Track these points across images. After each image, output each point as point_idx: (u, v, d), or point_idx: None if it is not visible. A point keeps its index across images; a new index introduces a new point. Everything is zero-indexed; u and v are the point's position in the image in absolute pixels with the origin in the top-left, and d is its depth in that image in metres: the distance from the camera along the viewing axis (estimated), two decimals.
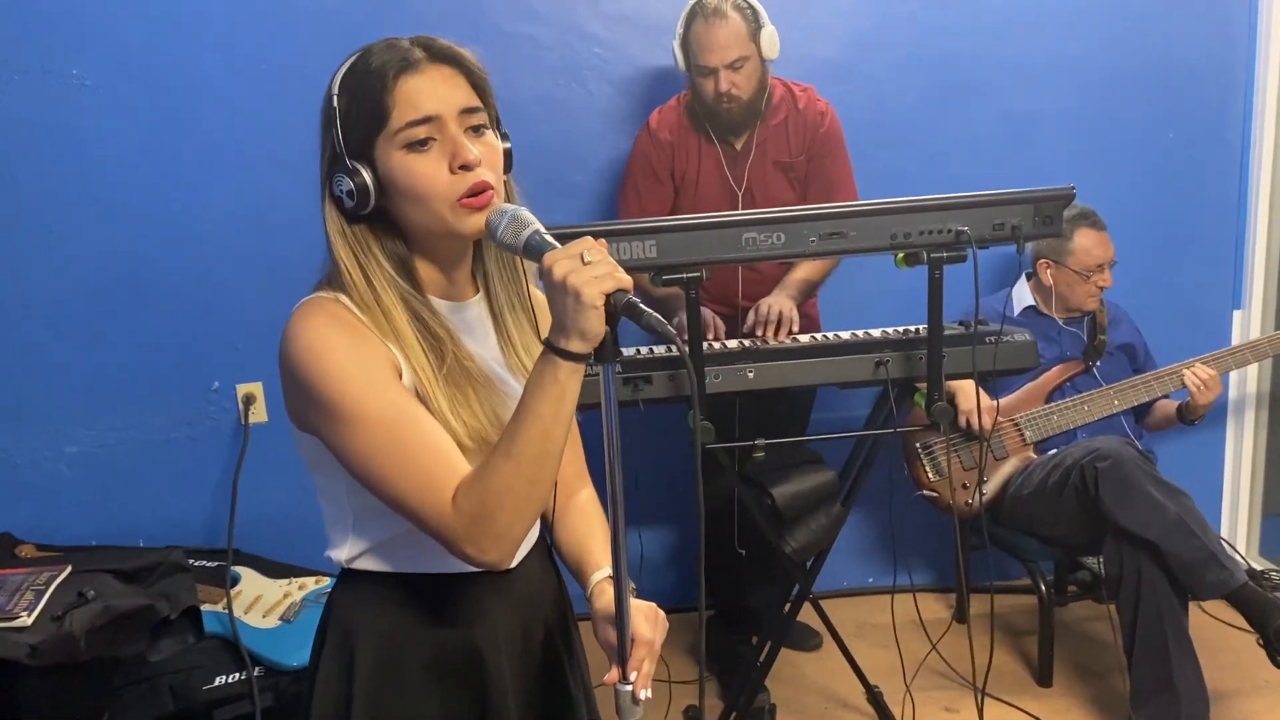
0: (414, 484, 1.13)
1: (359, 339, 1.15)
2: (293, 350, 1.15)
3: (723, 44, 2.56)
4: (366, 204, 1.17)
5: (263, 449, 2.94)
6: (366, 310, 1.17)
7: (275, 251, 2.84)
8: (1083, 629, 3.14)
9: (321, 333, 1.14)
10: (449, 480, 1.12)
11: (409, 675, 1.26)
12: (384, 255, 1.20)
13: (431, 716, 1.27)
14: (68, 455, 2.95)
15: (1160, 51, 3.20)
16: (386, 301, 1.17)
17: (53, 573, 2.22)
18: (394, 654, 1.26)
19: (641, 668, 1.21)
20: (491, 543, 1.12)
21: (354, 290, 1.18)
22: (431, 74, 1.16)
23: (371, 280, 1.18)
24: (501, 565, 1.16)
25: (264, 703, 2.44)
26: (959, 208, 2.10)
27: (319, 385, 1.13)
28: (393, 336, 1.17)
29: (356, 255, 1.19)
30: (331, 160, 1.19)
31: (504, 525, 1.11)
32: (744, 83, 2.61)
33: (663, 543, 3.32)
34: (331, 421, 1.14)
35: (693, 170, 2.75)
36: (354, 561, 1.27)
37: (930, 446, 2.83)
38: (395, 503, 1.15)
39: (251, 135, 2.84)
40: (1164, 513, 2.44)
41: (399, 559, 1.25)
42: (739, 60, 2.58)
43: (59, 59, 2.75)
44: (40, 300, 2.86)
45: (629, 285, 1.07)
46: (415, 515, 1.14)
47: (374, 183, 1.16)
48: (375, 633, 1.26)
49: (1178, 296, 3.33)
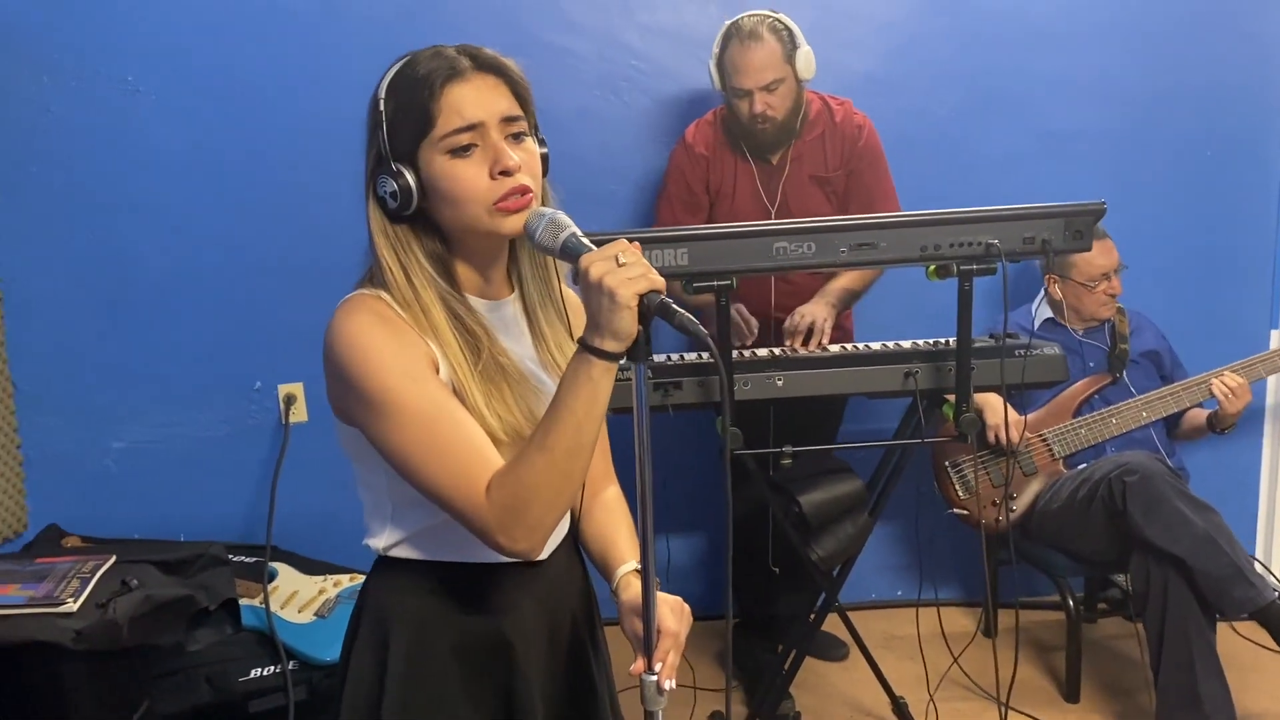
0: (449, 475, 1.17)
1: (399, 335, 1.20)
2: (336, 345, 1.19)
3: (757, 67, 2.59)
4: (409, 205, 1.21)
5: (302, 448, 3.01)
6: (406, 308, 1.22)
7: (318, 255, 2.89)
8: (1112, 646, 3.13)
9: (364, 328, 1.19)
10: (483, 472, 1.16)
11: (439, 660, 1.30)
12: (424, 255, 1.24)
13: (459, 701, 1.30)
14: (114, 451, 3.04)
15: (1198, 71, 3.20)
16: (425, 299, 1.22)
17: (98, 562, 2.28)
18: (425, 639, 1.30)
19: (666, 659, 1.24)
20: (523, 533, 1.16)
21: (395, 288, 1.22)
22: (477, 83, 1.21)
23: (412, 279, 1.22)
24: (532, 555, 1.19)
25: (297, 696, 2.49)
26: (989, 220, 2.13)
27: (360, 379, 1.18)
28: (431, 333, 1.21)
29: (398, 254, 1.23)
30: (377, 162, 1.23)
31: (536, 516, 1.15)
32: (779, 104, 2.63)
33: (691, 550, 3.35)
34: (372, 414, 1.19)
35: (728, 185, 2.78)
36: (391, 550, 1.31)
37: (959, 464, 2.84)
38: (431, 493, 1.19)
39: (296, 141, 2.92)
40: (1192, 528, 2.43)
41: (434, 548, 1.29)
42: (774, 82, 2.60)
43: (112, 65, 2.84)
44: (90, 300, 2.95)
45: (662, 286, 1.10)
46: (450, 505, 1.18)
47: (417, 185, 1.21)
48: (409, 618, 1.30)
49: (1215, 315, 3.31)
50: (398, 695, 1.29)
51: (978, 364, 2.22)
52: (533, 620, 1.34)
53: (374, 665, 1.31)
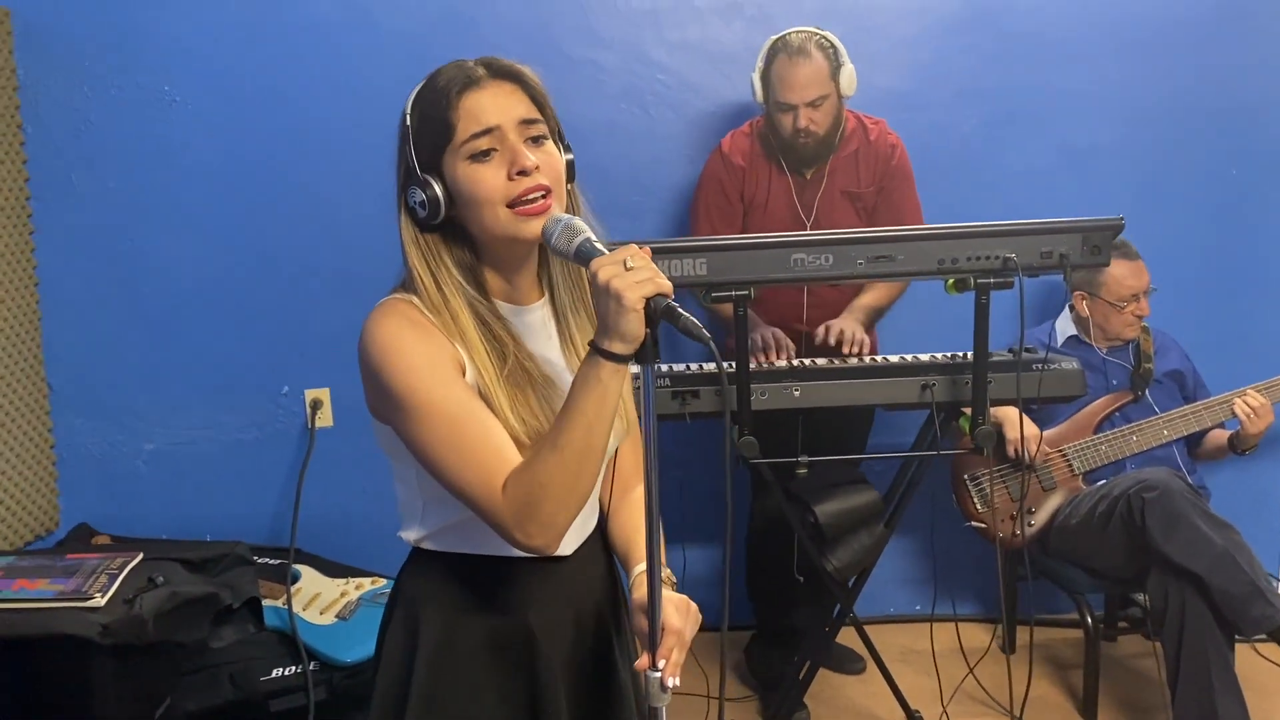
0: (470, 472, 1.21)
1: (428, 338, 1.25)
2: (369, 346, 1.25)
3: (804, 83, 2.61)
4: (437, 214, 1.26)
5: (327, 453, 3.07)
6: (436, 313, 1.26)
7: (345, 264, 2.97)
8: (1132, 665, 3.11)
9: (394, 331, 1.24)
10: (501, 470, 1.21)
11: (466, 650, 1.34)
12: (453, 262, 1.29)
13: (486, 690, 1.34)
14: (145, 452, 3.10)
15: (1223, 88, 3.19)
16: (454, 305, 1.27)
17: (126, 559, 2.33)
18: (454, 629, 1.34)
19: (670, 656, 1.27)
20: (537, 529, 1.20)
21: (425, 294, 1.27)
22: (492, 89, 1.25)
23: (441, 286, 1.27)
24: (547, 551, 1.23)
25: (317, 696, 2.53)
26: (1007, 235, 2.14)
27: (390, 379, 1.23)
28: (459, 338, 1.26)
29: (428, 262, 1.28)
30: (405, 174, 1.28)
31: (548, 513, 1.19)
32: (822, 120, 2.66)
33: (710, 561, 3.36)
34: (401, 413, 1.24)
35: (761, 194, 2.81)
36: (422, 542, 1.37)
37: (978, 478, 2.85)
38: (454, 488, 1.24)
39: (327, 151, 2.98)
40: (1210, 545, 2.43)
41: (461, 542, 1.34)
42: (819, 99, 2.63)
43: (150, 76, 2.92)
44: (125, 304, 3.02)
45: (668, 290, 1.13)
46: (470, 501, 1.23)
47: (444, 194, 1.26)
48: (438, 608, 1.35)
49: (1239, 335, 3.29)
50: (425, 681, 1.33)
51: (994, 377, 2.23)
52: (558, 614, 1.37)
53: (405, 651, 1.36)
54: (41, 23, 2.86)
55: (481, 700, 1.34)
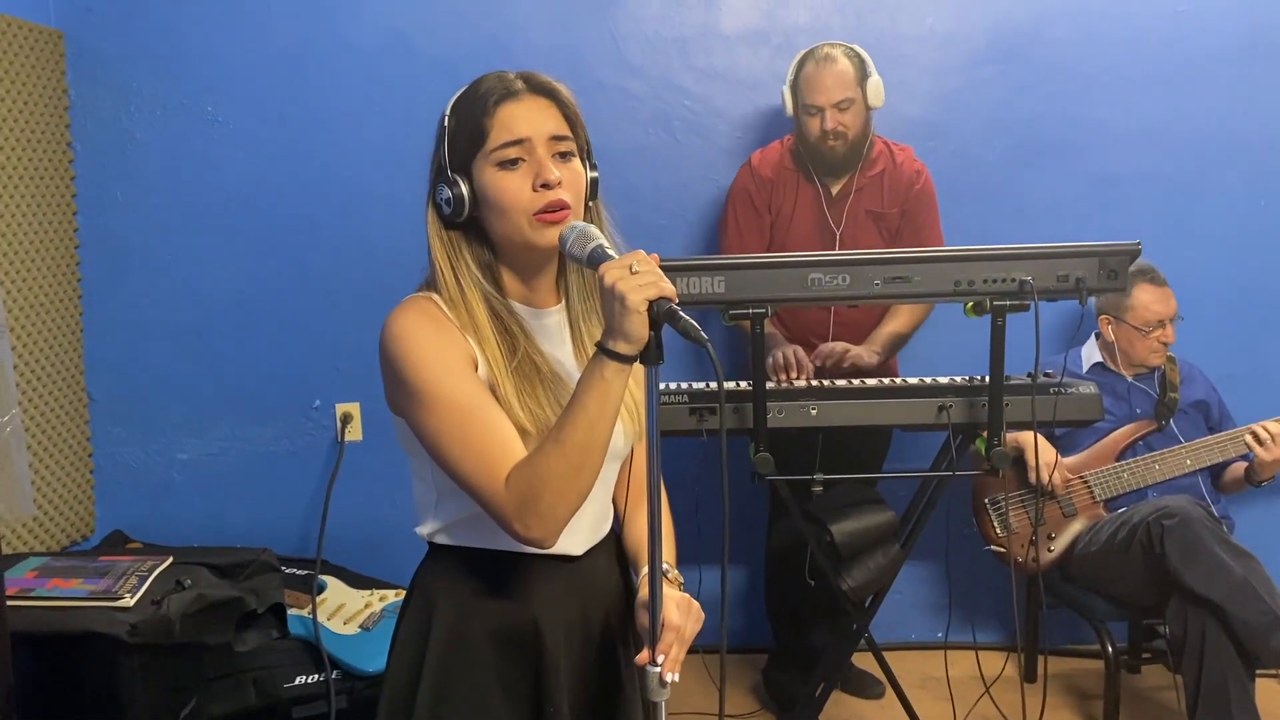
0: (474, 463, 1.26)
1: (442, 333, 1.30)
2: (387, 338, 1.31)
3: (830, 85, 2.71)
4: (461, 212, 1.33)
5: (355, 466, 3.13)
6: (453, 306, 1.33)
7: (378, 281, 3.03)
8: (1155, 697, 3.07)
9: (411, 325, 1.30)
10: (505, 463, 1.25)
11: (476, 640, 1.38)
12: (472, 259, 1.35)
13: (492, 683, 1.38)
14: (179, 462, 3.18)
15: (1252, 119, 3.19)
16: (470, 298, 1.33)
17: (156, 562, 2.40)
18: (464, 622, 1.38)
19: (670, 652, 1.30)
20: (536, 521, 1.24)
21: (444, 288, 1.34)
22: (528, 103, 1.31)
23: (460, 279, 1.34)
24: (545, 544, 1.27)
25: (339, 704, 2.58)
26: (1024, 258, 2.16)
27: (404, 370, 1.29)
28: (472, 330, 1.32)
29: (449, 256, 1.35)
30: (437, 172, 1.35)
31: (548, 506, 1.23)
32: (850, 122, 2.74)
33: (731, 583, 3.37)
34: (412, 403, 1.29)
35: (788, 206, 2.87)
36: (435, 536, 1.41)
37: (998, 502, 2.85)
38: (459, 479, 1.29)
39: (363, 172, 3.06)
40: (1230, 574, 2.41)
41: (473, 536, 1.38)
42: (845, 101, 2.72)
43: (194, 96, 3.04)
44: (163, 318, 3.12)
45: (672, 294, 1.18)
46: (473, 491, 1.28)
47: (470, 194, 1.32)
48: (450, 601, 1.39)
49: (1267, 364, 3.27)
50: (437, 668, 1.37)
51: (1011, 400, 2.24)
52: (566, 613, 1.40)
53: (418, 640, 1.40)
54: (92, 45, 2.99)
55: (488, 690, 1.37)
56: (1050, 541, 2.81)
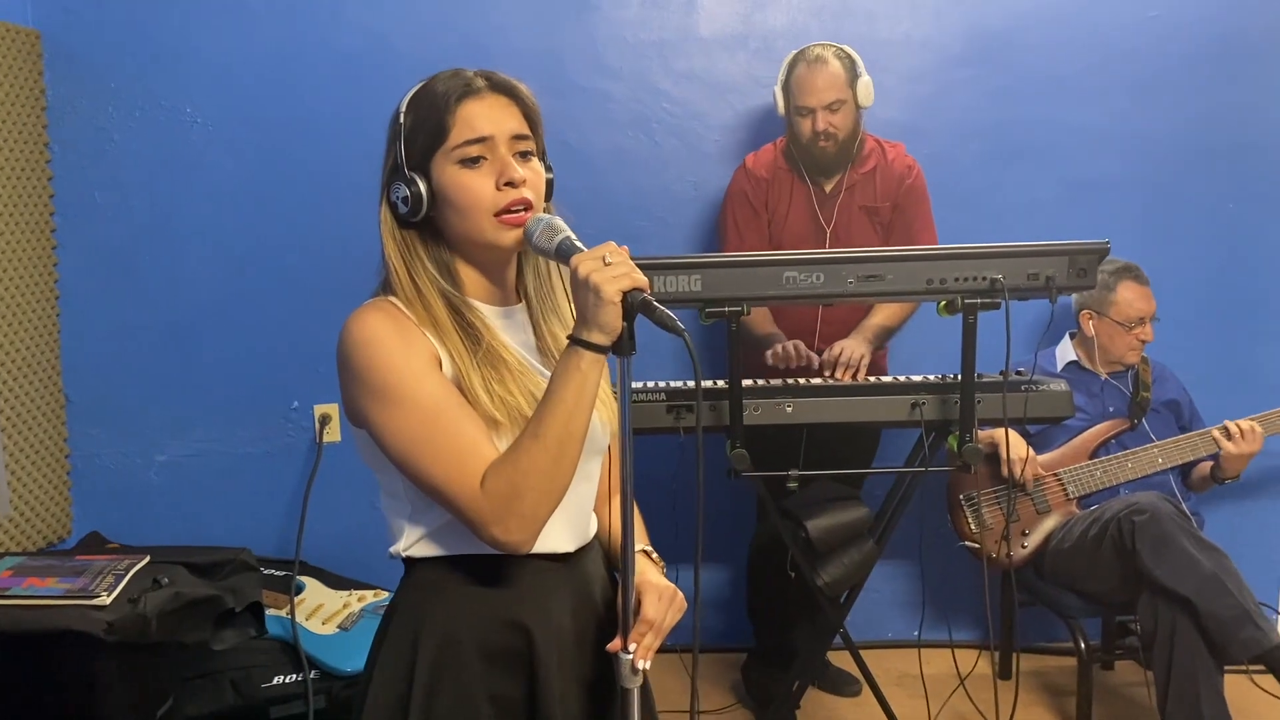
0: (445, 466, 1.23)
1: (403, 333, 1.28)
2: (345, 344, 1.28)
3: (822, 86, 2.74)
4: (419, 211, 1.31)
5: (334, 467, 3.13)
6: (410, 305, 1.30)
7: (357, 282, 2.98)
8: (1127, 693, 3.11)
9: (371, 328, 1.27)
10: (478, 465, 1.22)
11: (465, 659, 1.32)
12: (429, 258, 1.33)
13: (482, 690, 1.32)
14: (157, 463, 3.18)
15: (1223, 124, 3.24)
16: (428, 295, 1.30)
17: (132, 560, 2.39)
18: (452, 639, 1.32)
19: (643, 640, 1.30)
20: (517, 523, 1.21)
21: (400, 287, 1.31)
22: (490, 101, 1.31)
23: (415, 278, 1.31)
24: (523, 548, 1.24)
25: (317, 704, 2.58)
26: (995, 257, 2.19)
27: (366, 373, 1.26)
28: (432, 325, 1.29)
29: (404, 256, 1.32)
30: (392, 170, 1.34)
31: (530, 505, 1.21)
32: (840, 123, 2.77)
33: (707, 583, 3.39)
34: (376, 407, 1.25)
35: (783, 205, 2.90)
36: (413, 549, 1.34)
37: (973, 498, 2.88)
38: (429, 485, 1.24)
39: (343, 173, 3.04)
40: (1199, 569, 2.44)
41: (454, 542, 1.32)
42: (836, 102, 2.75)
43: (173, 97, 3.03)
44: (142, 318, 3.12)
45: (645, 285, 1.19)
46: (445, 497, 1.24)
47: (427, 193, 1.30)
48: (436, 618, 1.33)
49: (1237, 366, 3.32)
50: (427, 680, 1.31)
51: (983, 397, 2.27)
52: (557, 613, 1.35)
53: (403, 667, 1.33)
54: (70, 45, 2.98)
55: (479, 703, 1.32)
56: (1024, 538, 2.84)
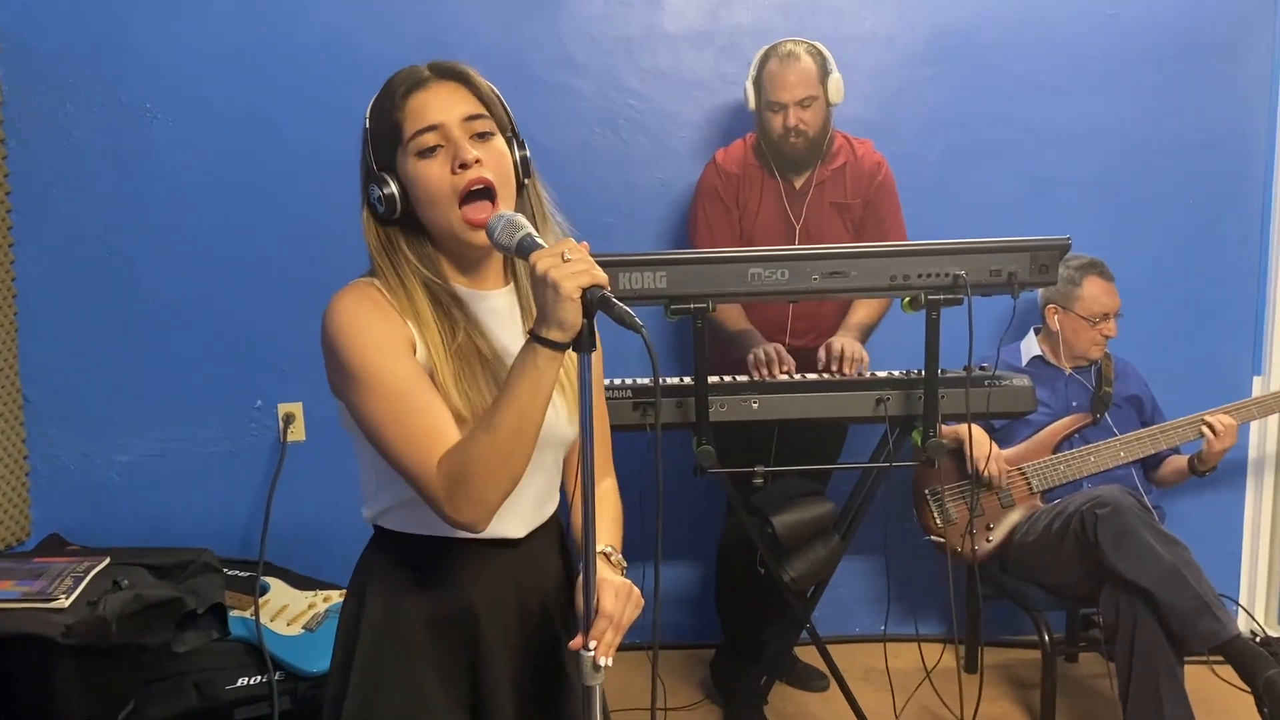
0: (407, 444, 1.27)
1: (381, 316, 1.31)
2: (326, 322, 1.31)
3: (793, 82, 2.74)
4: (395, 210, 1.34)
5: (298, 467, 3.10)
6: (394, 294, 1.33)
7: (320, 279, 2.95)
8: (1091, 684, 3.15)
9: (350, 308, 1.31)
10: (438, 446, 1.26)
11: (407, 627, 1.39)
12: (411, 253, 1.36)
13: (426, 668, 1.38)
14: (118, 464, 3.14)
15: (1182, 122, 3.28)
16: (410, 286, 1.34)
17: (92, 563, 2.37)
18: (396, 606, 1.39)
19: (603, 637, 1.31)
20: (466, 505, 1.25)
21: (384, 279, 1.35)
22: (436, 89, 1.33)
23: (399, 271, 1.35)
24: (476, 527, 1.28)
25: (282, 705, 2.56)
26: (957, 253, 2.20)
27: (342, 353, 1.29)
28: (413, 315, 1.32)
29: (387, 253, 1.36)
30: (366, 174, 1.36)
31: (478, 491, 1.24)
32: (811, 119, 2.77)
33: (676, 580, 3.39)
34: (349, 385, 1.30)
35: (754, 201, 2.90)
36: (378, 519, 1.43)
37: (939, 493, 2.89)
38: (392, 460, 1.29)
39: (305, 170, 3.04)
40: (1160, 561, 2.47)
41: (409, 521, 1.38)
42: (807, 99, 2.75)
43: (132, 92, 2.99)
44: (102, 317, 3.07)
45: (604, 281, 1.19)
46: (406, 473, 1.28)
47: (399, 191, 1.33)
48: (383, 585, 1.40)
49: (1198, 361, 3.36)
50: (368, 655, 1.38)
51: (946, 393, 2.29)
52: (503, 597, 1.41)
53: (352, 625, 1.41)
54: (26, 39, 2.94)
55: (422, 677, 1.38)
56: (989, 532, 2.86)
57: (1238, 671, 2.47)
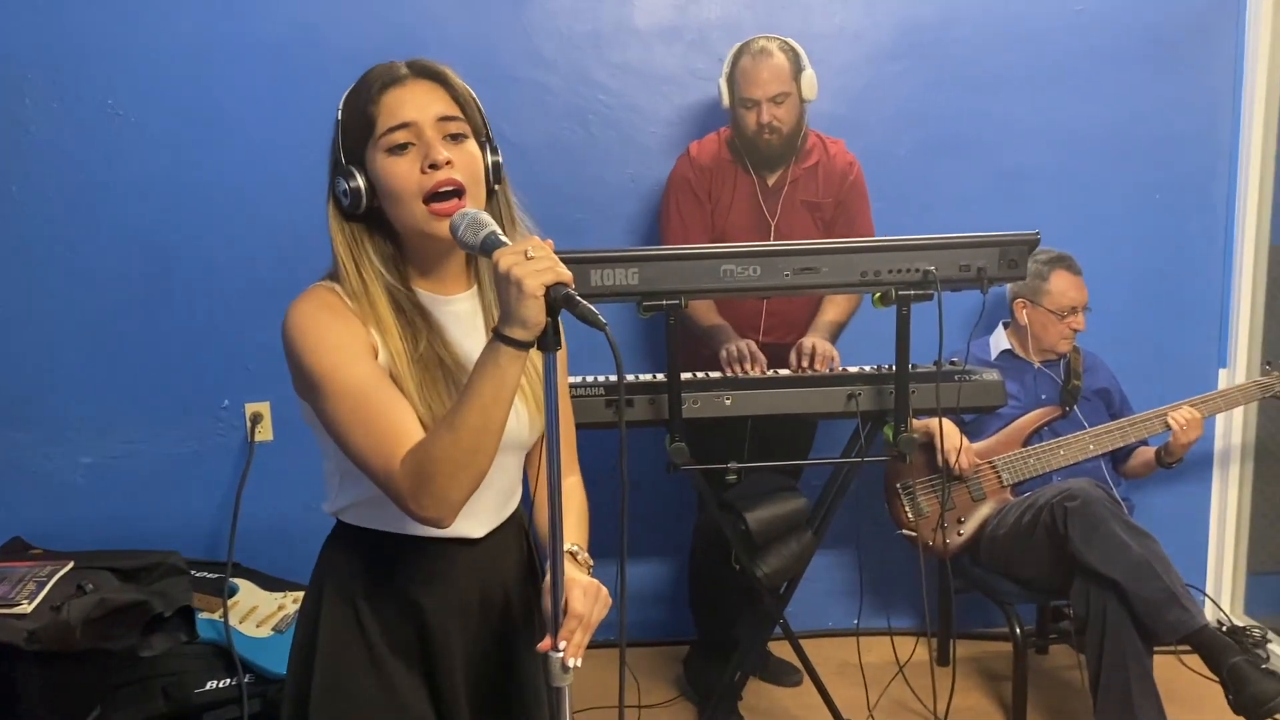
0: (371, 445, 1.27)
1: (341, 320, 1.30)
2: (287, 326, 1.31)
3: (766, 79, 2.73)
4: (359, 204, 1.32)
5: (266, 466, 3.07)
6: (355, 299, 1.32)
7: (287, 277, 2.92)
8: (1061, 676, 3.17)
9: (310, 313, 1.30)
10: (401, 445, 1.25)
11: (367, 624, 1.39)
12: (374, 251, 1.35)
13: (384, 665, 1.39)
14: (82, 466, 3.09)
15: (1149, 117, 3.30)
16: (373, 291, 1.33)
17: (55, 567, 2.33)
18: (355, 604, 1.39)
19: (572, 638, 1.30)
20: (430, 502, 1.24)
21: (346, 280, 1.33)
22: (413, 87, 1.31)
23: (361, 272, 1.34)
24: (442, 524, 1.27)
25: (252, 708, 2.53)
26: (927, 249, 2.21)
27: (303, 356, 1.29)
28: (374, 322, 1.32)
29: (350, 249, 1.34)
30: (334, 166, 1.35)
31: (440, 488, 1.23)
32: (785, 116, 2.77)
33: (648, 576, 3.39)
34: (311, 388, 1.29)
35: (727, 196, 2.89)
36: (340, 514, 1.43)
37: (910, 487, 2.91)
38: (357, 461, 1.29)
39: (271, 167, 3.00)
40: (1129, 553, 2.49)
41: (372, 517, 1.39)
42: (780, 95, 2.74)
43: (93, 89, 2.94)
44: (64, 317, 3.02)
45: (568, 279, 1.18)
46: (370, 472, 1.28)
47: (366, 186, 1.32)
48: (342, 581, 1.41)
49: (1164, 353, 3.40)
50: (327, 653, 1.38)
51: (917, 387, 2.29)
52: (463, 595, 1.42)
53: (309, 628, 1.42)
54: None
55: (380, 674, 1.38)
56: (960, 525, 2.88)
57: (1205, 661, 2.50)
